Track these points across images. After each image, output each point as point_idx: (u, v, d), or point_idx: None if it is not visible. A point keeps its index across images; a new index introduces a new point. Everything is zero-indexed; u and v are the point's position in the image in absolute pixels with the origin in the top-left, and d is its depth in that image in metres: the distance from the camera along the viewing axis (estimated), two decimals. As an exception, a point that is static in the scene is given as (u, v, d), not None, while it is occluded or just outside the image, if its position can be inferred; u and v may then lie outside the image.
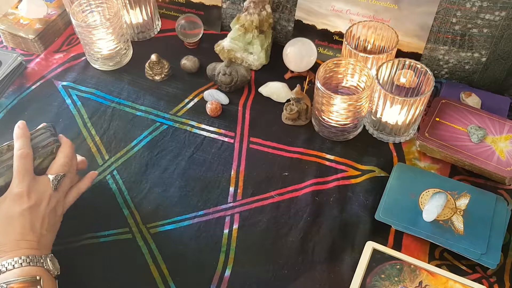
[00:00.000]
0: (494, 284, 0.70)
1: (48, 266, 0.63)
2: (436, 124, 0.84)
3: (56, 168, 0.70)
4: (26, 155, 0.67)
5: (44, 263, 0.63)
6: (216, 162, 0.84)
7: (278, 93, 0.93)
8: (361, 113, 0.83)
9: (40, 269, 0.62)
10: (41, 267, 0.62)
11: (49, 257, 0.64)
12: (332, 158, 0.84)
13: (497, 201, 0.76)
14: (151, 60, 0.95)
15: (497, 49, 0.89)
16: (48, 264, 0.63)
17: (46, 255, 0.64)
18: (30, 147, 0.69)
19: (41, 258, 0.63)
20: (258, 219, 0.77)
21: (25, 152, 0.67)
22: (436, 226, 0.73)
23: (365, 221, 0.76)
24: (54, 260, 0.65)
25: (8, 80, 0.96)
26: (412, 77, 0.83)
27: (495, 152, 0.80)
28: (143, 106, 0.93)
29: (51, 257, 0.65)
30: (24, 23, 1.02)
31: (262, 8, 0.93)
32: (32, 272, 0.61)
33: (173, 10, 1.08)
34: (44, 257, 0.63)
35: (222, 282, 0.70)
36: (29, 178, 0.66)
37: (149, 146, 0.87)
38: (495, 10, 0.84)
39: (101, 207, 0.79)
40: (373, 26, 0.87)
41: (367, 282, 0.68)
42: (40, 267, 0.62)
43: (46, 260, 0.63)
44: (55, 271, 0.64)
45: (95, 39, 0.93)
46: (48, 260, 0.64)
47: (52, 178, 0.68)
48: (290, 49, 0.93)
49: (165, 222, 0.77)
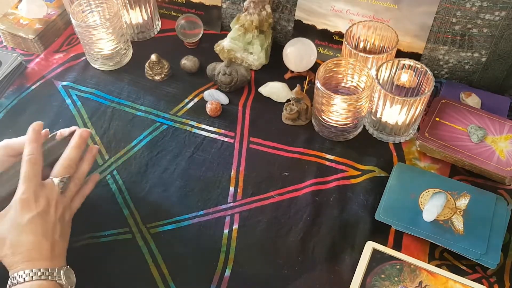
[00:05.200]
0: (494, 284, 0.70)
1: (61, 280, 0.60)
2: (436, 124, 0.84)
3: (58, 170, 0.67)
4: (35, 160, 0.64)
5: (57, 277, 0.60)
6: (216, 162, 0.84)
7: (278, 93, 0.93)
8: (361, 113, 0.83)
9: (52, 284, 0.59)
10: (54, 281, 0.59)
11: (63, 270, 0.61)
12: (332, 158, 0.84)
13: (497, 201, 0.76)
14: (151, 60, 0.95)
15: (497, 49, 0.89)
16: (62, 278, 0.60)
17: (60, 268, 0.61)
18: (41, 153, 0.66)
19: (54, 271, 0.60)
20: (258, 219, 0.77)
21: (35, 157, 0.64)
22: (436, 226, 0.73)
23: (365, 221, 0.76)
24: (69, 272, 0.63)
25: (8, 80, 0.96)
26: (412, 77, 0.83)
27: (495, 152, 0.80)
28: (143, 106, 0.93)
29: (65, 270, 0.62)
30: (24, 23, 1.02)
31: (262, 8, 0.93)
32: (44, 287, 0.58)
33: (173, 10, 1.08)
34: (58, 270, 0.61)
35: (222, 282, 0.70)
36: (36, 183, 0.63)
37: (149, 146, 0.87)
38: (495, 10, 0.84)
39: (101, 207, 0.79)
40: (373, 26, 0.87)
41: (367, 282, 0.68)
42: (53, 281, 0.59)
43: (60, 273, 0.60)
44: (68, 285, 0.61)
45: (95, 39, 0.93)
46: (62, 274, 0.61)
47: (57, 181, 0.66)
48: (290, 49, 0.93)
49: (165, 222, 0.77)
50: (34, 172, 0.64)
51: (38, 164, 0.65)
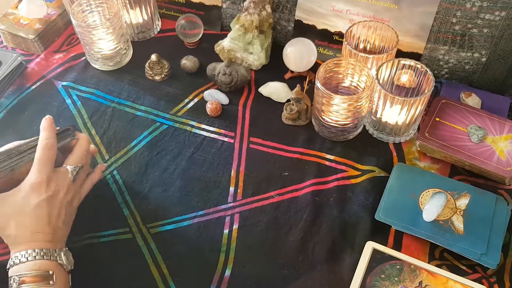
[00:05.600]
0: (494, 284, 0.70)
1: (62, 260, 0.63)
2: (436, 124, 0.84)
3: (74, 159, 0.70)
4: (51, 146, 0.67)
5: (58, 257, 0.62)
6: (216, 162, 0.84)
7: (278, 93, 0.93)
8: (361, 113, 0.83)
9: (53, 263, 0.61)
10: (55, 261, 0.62)
11: (63, 251, 0.64)
12: (332, 158, 0.84)
13: (497, 201, 0.76)
14: (151, 60, 0.95)
15: (497, 49, 0.89)
16: (62, 258, 0.63)
17: (60, 249, 0.64)
18: (56, 139, 0.68)
19: (55, 251, 0.62)
20: (258, 219, 0.77)
21: (51, 143, 0.67)
22: (436, 226, 0.73)
23: (365, 221, 0.76)
24: (68, 254, 0.65)
25: (8, 80, 0.96)
26: (412, 77, 0.83)
27: (495, 152, 0.80)
28: (143, 106, 0.93)
29: (65, 251, 0.64)
30: (24, 23, 1.02)
31: (262, 8, 0.93)
32: (45, 266, 0.61)
33: (173, 10, 1.08)
34: (58, 251, 0.63)
35: (222, 282, 0.70)
36: (50, 168, 0.66)
37: (149, 146, 0.87)
38: (495, 10, 0.84)
39: (101, 207, 0.79)
40: (373, 26, 0.87)
41: (367, 282, 0.68)
42: (54, 261, 0.62)
43: (60, 254, 0.63)
44: (68, 265, 0.63)
45: (95, 39, 0.93)
46: (62, 254, 0.63)
47: (71, 169, 0.68)
48: (290, 49, 0.93)
49: (165, 222, 0.77)
50: (49, 157, 0.66)
51: (53, 150, 0.67)
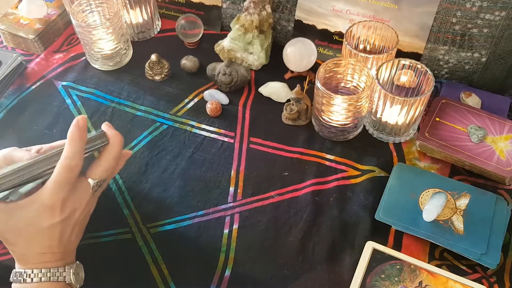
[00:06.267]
0: (494, 284, 0.70)
1: (70, 279, 0.59)
2: (436, 124, 0.84)
3: (100, 172, 0.61)
4: (73, 168, 0.57)
5: (66, 277, 0.59)
6: (216, 162, 0.84)
7: (278, 93, 0.93)
8: (361, 113, 0.83)
9: (59, 284, 0.58)
10: (62, 282, 0.58)
11: (73, 268, 0.60)
12: (332, 158, 0.84)
13: (497, 201, 0.76)
14: (151, 60, 0.95)
15: (497, 49, 0.89)
16: (71, 277, 0.59)
17: (70, 266, 0.60)
18: (82, 157, 0.58)
19: (63, 271, 0.59)
20: (258, 219, 0.77)
21: (74, 164, 0.57)
22: (436, 226, 0.73)
23: (365, 221, 0.76)
24: (79, 269, 0.61)
25: (8, 80, 0.96)
26: (412, 77, 0.83)
27: (495, 152, 0.80)
28: (143, 106, 0.93)
29: (75, 267, 0.60)
30: (24, 23, 1.02)
31: (262, 8, 0.93)
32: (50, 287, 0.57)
33: (173, 10, 1.08)
34: (68, 269, 0.59)
35: (222, 282, 0.70)
36: (67, 190, 0.57)
37: (149, 146, 0.87)
38: (495, 10, 0.84)
39: (101, 207, 0.78)
40: (373, 26, 0.87)
41: (367, 282, 0.68)
42: (61, 282, 0.58)
43: (69, 272, 0.59)
44: (77, 284, 0.60)
45: (95, 39, 0.93)
46: (71, 273, 0.59)
47: (93, 183, 0.61)
48: (290, 49, 0.93)
49: (165, 222, 0.77)
50: (68, 180, 0.57)
51: (74, 173, 0.58)
